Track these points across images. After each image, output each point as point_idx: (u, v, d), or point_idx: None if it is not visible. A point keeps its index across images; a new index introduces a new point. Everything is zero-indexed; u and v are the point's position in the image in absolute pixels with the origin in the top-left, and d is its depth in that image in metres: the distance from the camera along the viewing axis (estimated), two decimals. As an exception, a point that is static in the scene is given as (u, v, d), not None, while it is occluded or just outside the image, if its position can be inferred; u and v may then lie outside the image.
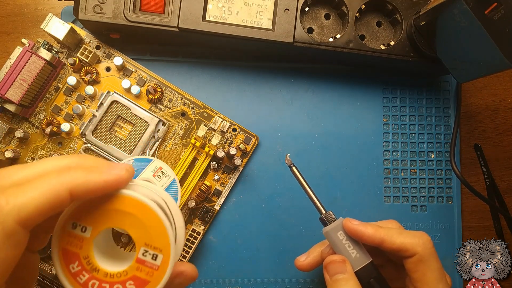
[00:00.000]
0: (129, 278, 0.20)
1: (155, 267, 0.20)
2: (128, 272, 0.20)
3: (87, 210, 0.20)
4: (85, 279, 0.20)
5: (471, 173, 0.45)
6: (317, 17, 0.39)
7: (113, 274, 0.20)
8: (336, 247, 0.31)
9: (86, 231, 0.20)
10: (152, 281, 0.20)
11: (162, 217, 0.20)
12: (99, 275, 0.20)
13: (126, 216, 0.20)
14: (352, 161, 0.42)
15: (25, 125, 0.39)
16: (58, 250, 0.20)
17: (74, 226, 0.20)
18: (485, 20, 0.31)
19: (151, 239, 0.20)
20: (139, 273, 0.20)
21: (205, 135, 0.40)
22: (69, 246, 0.20)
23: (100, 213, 0.20)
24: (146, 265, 0.20)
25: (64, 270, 0.20)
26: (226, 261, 0.40)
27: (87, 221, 0.20)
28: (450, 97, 0.44)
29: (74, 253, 0.20)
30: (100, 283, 0.20)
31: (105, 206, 0.20)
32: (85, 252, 0.20)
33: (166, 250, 0.20)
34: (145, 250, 0.20)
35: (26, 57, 0.35)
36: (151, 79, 0.40)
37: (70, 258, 0.20)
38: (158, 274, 0.20)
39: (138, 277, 0.20)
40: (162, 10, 0.36)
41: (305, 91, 0.43)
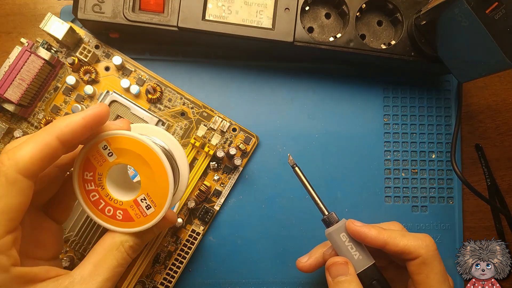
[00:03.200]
0: (121, 208, 0.24)
1: (144, 213, 0.24)
2: (123, 204, 0.24)
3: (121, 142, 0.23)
4: (91, 188, 0.24)
5: (472, 173, 0.45)
6: (318, 17, 0.39)
7: (112, 198, 0.24)
8: (338, 248, 0.31)
9: (111, 156, 0.23)
10: (136, 221, 0.24)
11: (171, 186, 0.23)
12: (102, 192, 0.24)
13: (146, 165, 0.23)
14: (352, 161, 0.42)
15: (24, 125, 0.38)
16: (83, 156, 0.23)
17: (104, 148, 0.23)
18: (486, 20, 0.31)
19: (154, 193, 0.23)
20: (130, 210, 0.24)
21: (205, 135, 0.40)
22: (92, 158, 0.23)
23: (129, 151, 0.23)
24: (138, 208, 0.24)
25: (79, 173, 0.23)
26: (226, 261, 0.40)
27: (116, 150, 0.23)
28: (451, 97, 0.44)
29: (93, 166, 0.23)
30: (99, 198, 0.24)
31: (136, 150, 0.23)
32: (101, 170, 0.23)
33: (159, 207, 0.23)
34: (144, 198, 0.24)
35: (25, 57, 0.35)
36: (150, 79, 0.40)
37: (89, 167, 0.23)
38: (143, 220, 0.24)
39: (128, 213, 0.24)
40: (161, 10, 0.36)
41: (306, 91, 0.42)
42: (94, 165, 0.23)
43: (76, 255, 0.38)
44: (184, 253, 0.39)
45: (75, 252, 0.38)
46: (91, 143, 0.23)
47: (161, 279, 0.39)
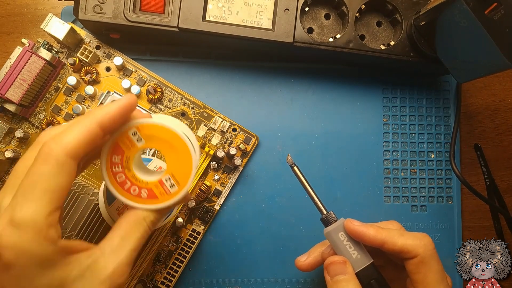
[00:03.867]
0: (147, 187, 0.26)
1: (168, 192, 0.26)
2: (149, 184, 0.26)
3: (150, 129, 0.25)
4: (117, 170, 0.25)
5: (471, 173, 0.45)
6: (317, 17, 0.39)
7: (137, 178, 0.26)
8: (337, 247, 0.31)
9: (140, 142, 0.25)
10: (160, 199, 0.26)
11: (194, 166, 0.26)
12: (128, 174, 0.26)
13: (172, 149, 0.26)
14: (352, 161, 0.42)
15: (25, 125, 0.39)
16: (113, 141, 0.25)
17: (134, 134, 0.25)
18: (485, 20, 0.31)
19: (178, 174, 0.26)
20: (155, 188, 0.26)
21: (205, 135, 0.40)
22: (121, 143, 0.25)
23: (157, 137, 0.25)
24: (163, 187, 0.26)
25: (107, 157, 0.25)
26: (226, 261, 0.40)
27: (145, 136, 0.25)
28: (450, 97, 0.44)
29: (122, 150, 0.25)
30: (126, 179, 0.26)
31: (163, 135, 0.25)
32: (130, 154, 0.25)
33: (182, 186, 0.26)
34: (169, 178, 0.26)
35: (26, 57, 0.35)
36: (151, 79, 0.40)
37: (117, 150, 0.25)
38: (167, 197, 0.26)
39: (152, 191, 0.26)
40: (162, 10, 0.36)
41: (305, 91, 0.43)
42: (123, 149, 0.25)
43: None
44: (184, 252, 0.39)
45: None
46: (122, 130, 0.25)
47: (161, 278, 0.39)
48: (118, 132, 0.25)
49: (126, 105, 0.24)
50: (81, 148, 0.22)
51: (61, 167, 0.21)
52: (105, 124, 0.23)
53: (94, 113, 0.23)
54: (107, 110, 0.23)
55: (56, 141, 0.22)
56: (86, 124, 0.22)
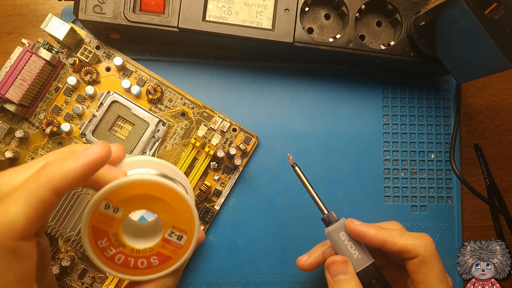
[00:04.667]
0: (153, 254, 0.22)
1: (179, 246, 0.22)
2: (153, 249, 0.22)
3: (121, 193, 0.21)
4: (112, 253, 0.22)
5: (471, 173, 0.45)
6: (317, 17, 0.39)
7: (138, 250, 0.22)
8: (338, 247, 0.31)
9: (118, 212, 0.21)
10: (174, 257, 0.22)
11: (191, 204, 0.22)
12: (126, 250, 0.22)
13: (158, 201, 0.21)
14: (352, 161, 0.42)
15: (25, 125, 0.39)
16: (88, 227, 0.21)
17: (107, 207, 0.21)
18: (485, 20, 0.31)
19: (179, 223, 0.22)
20: (163, 250, 0.22)
21: (205, 135, 0.40)
22: (99, 224, 0.21)
23: (134, 197, 0.21)
24: (171, 244, 0.22)
25: (92, 245, 0.21)
26: (226, 261, 0.40)
27: (120, 203, 0.21)
28: (450, 97, 0.44)
29: (104, 231, 0.21)
30: (126, 257, 0.22)
31: (139, 190, 0.21)
32: (114, 230, 0.21)
33: (190, 232, 0.22)
34: (172, 232, 0.22)
35: (26, 57, 0.35)
36: (151, 79, 0.40)
37: (99, 234, 0.21)
38: (181, 251, 0.22)
39: (162, 254, 0.22)
40: (162, 10, 0.36)
41: (305, 91, 0.43)
42: (104, 229, 0.21)
43: (77, 254, 0.38)
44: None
45: (76, 251, 0.38)
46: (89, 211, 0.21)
47: (161, 278, 0.39)
48: (88, 215, 0.21)
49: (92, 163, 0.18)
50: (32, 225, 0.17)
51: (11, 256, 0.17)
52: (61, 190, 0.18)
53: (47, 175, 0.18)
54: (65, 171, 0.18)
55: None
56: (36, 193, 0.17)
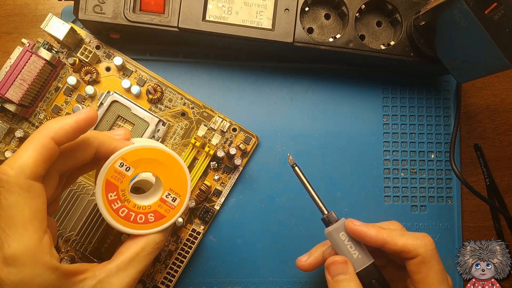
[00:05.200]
0: (151, 211, 0.26)
1: (172, 206, 0.27)
2: (151, 206, 0.26)
3: (134, 155, 0.25)
4: (118, 206, 0.26)
5: (471, 173, 0.45)
6: (317, 17, 0.39)
7: (139, 206, 0.26)
8: (338, 247, 0.31)
9: (129, 171, 0.25)
10: (167, 216, 0.26)
11: (187, 171, 0.27)
12: (129, 205, 0.26)
13: (161, 165, 0.26)
14: (352, 161, 0.42)
15: (25, 125, 0.39)
16: (104, 179, 0.25)
17: (121, 165, 0.25)
18: (485, 20, 0.31)
19: (175, 186, 0.27)
20: (159, 209, 0.26)
21: (205, 135, 0.40)
22: (112, 179, 0.25)
23: (143, 160, 0.26)
24: (166, 204, 0.26)
25: (103, 196, 0.25)
26: (226, 261, 0.40)
27: (132, 163, 0.25)
28: (450, 97, 0.44)
29: (115, 185, 0.25)
30: (128, 211, 0.26)
31: (148, 155, 0.26)
32: (123, 186, 0.25)
33: (183, 196, 0.27)
34: (168, 193, 0.26)
35: (26, 57, 0.35)
36: (151, 79, 0.40)
37: (111, 188, 0.25)
38: (173, 212, 0.27)
39: (158, 212, 0.26)
40: (162, 10, 0.36)
41: (305, 91, 0.43)
42: (116, 184, 0.25)
43: (77, 254, 0.38)
44: (184, 252, 0.39)
45: (76, 251, 0.38)
46: (107, 165, 0.25)
47: (161, 278, 0.39)
48: (105, 169, 0.25)
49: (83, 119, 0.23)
50: (39, 167, 0.21)
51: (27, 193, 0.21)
52: (59, 138, 0.22)
53: (47, 127, 0.22)
54: (61, 123, 0.22)
55: (11, 166, 0.21)
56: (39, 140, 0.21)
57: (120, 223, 0.26)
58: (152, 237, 0.26)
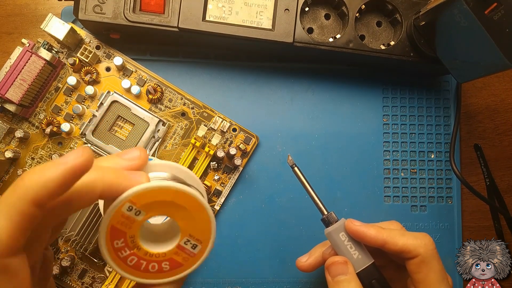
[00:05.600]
0: (166, 259, 0.22)
1: (192, 254, 0.23)
2: (166, 254, 0.22)
3: (146, 197, 0.21)
4: (126, 254, 0.22)
5: (471, 173, 0.45)
6: (317, 17, 0.39)
7: (152, 254, 0.22)
8: (338, 248, 0.31)
9: (139, 215, 0.21)
10: (185, 265, 0.23)
11: (211, 216, 0.22)
12: (140, 253, 0.22)
13: (180, 208, 0.22)
14: (352, 161, 0.42)
15: (25, 125, 0.39)
16: (108, 226, 0.21)
17: (129, 209, 0.21)
18: (485, 20, 0.31)
19: (196, 232, 0.22)
20: (176, 256, 0.22)
21: (205, 135, 0.40)
22: (119, 225, 0.21)
23: (158, 202, 0.21)
24: (185, 252, 0.22)
25: (107, 245, 0.21)
26: (226, 261, 0.40)
27: (143, 206, 0.21)
28: (450, 97, 0.44)
29: (122, 232, 0.21)
30: (139, 260, 0.22)
31: (164, 197, 0.21)
32: (132, 232, 0.21)
33: (206, 242, 0.23)
34: (188, 240, 0.22)
35: (26, 57, 0.35)
36: (151, 79, 0.40)
37: (117, 235, 0.21)
38: (193, 260, 0.23)
39: (174, 260, 0.22)
40: (162, 10, 0.36)
41: (305, 91, 0.43)
42: (123, 230, 0.21)
43: (77, 254, 0.38)
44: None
45: (76, 251, 0.38)
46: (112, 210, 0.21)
47: (161, 278, 0.39)
48: (110, 215, 0.21)
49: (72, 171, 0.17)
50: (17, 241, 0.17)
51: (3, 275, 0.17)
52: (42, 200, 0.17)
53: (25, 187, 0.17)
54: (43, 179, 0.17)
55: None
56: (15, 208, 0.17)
57: (128, 272, 0.22)
58: None
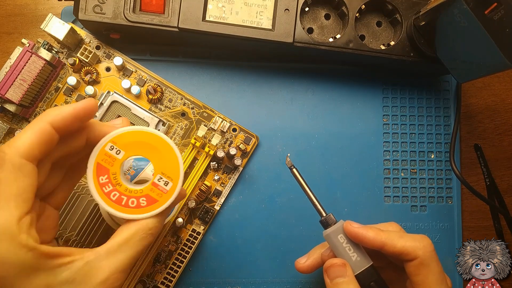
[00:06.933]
0: (143, 195, 0.26)
1: (164, 190, 0.26)
2: (143, 190, 0.26)
3: (124, 138, 0.25)
4: (109, 190, 0.25)
5: (471, 173, 0.45)
6: (317, 17, 0.39)
7: (131, 190, 0.26)
8: (336, 250, 0.31)
9: (119, 154, 0.25)
10: (160, 201, 0.26)
11: (178, 155, 0.26)
12: (121, 189, 0.25)
13: (152, 149, 0.26)
14: (352, 161, 0.42)
15: (25, 125, 0.39)
16: (94, 163, 0.25)
17: (111, 148, 0.25)
18: (485, 20, 0.31)
19: (167, 170, 0.26)
20: (151, 193, 0.26)
21: (205, 135, 0.40)
22: (103, 162, 0.25)
23: (134, 143, 0.25)
24: (158, 188, 0.26)
25: (94, 180, 0.25)
26: (226, 261, 0.40)
27: (122, 146, 0.25)
28: (450, 97, 0.44)
29: (106, 168, 0.25)
30: (120, 195, 0.25)
31: (138, 138, 0.26)
32: (114, 169, 0.25)
33: (175, 180, 0.26)
34: (160, 177, 0.26)
35: (26, 57, 0.35)
36: (151, 79, 0.40)
37: (102, 171, 0.25)
38: (166, 196, 0.26)
39: (150, 196, 0.26)
40: (162, 10, 0.36)
41: (305, 91, 0.43)
42: (106, 167, 0.25)
43: (77, 254, 0.38)
44: (184, 252, 0.39)
45: (76, 251, 0.38)
46: (97, 149, 0.25)
47: (161, 278, 0.39)
48: (95, 152, 0.25)
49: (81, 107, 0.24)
50: (35, 149, 0.22)
51: (18, 170, 0.21)
52: (58, 123, 0.23)
53: (46, 113, 0.23)
54: (59, 110, 0.23)
55: (9, 145, 0.22)
56: (37, 125, 0.22)
57: (112, 206, 0.25)
58: (144, 222, 0.25)
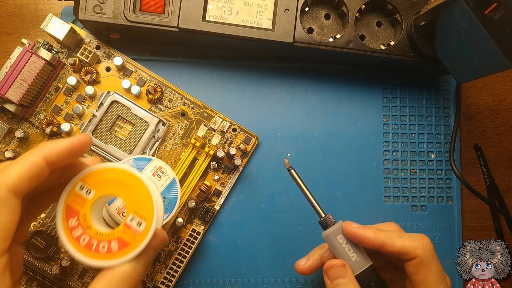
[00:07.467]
0: (115, 238, 0.23)
1: (137, 232, 0.23)
2: (115, 233, 0.24)
3: (95, 176, 0.24)
4: (79, 234, 0.23)
5: (471, 173, 0.45)
6: (317, 17, 0.39)
7: (102, 233, 0.24)
8: (336, 250, 0.31)
9: (89, 194, 0.24)
10: (132, 243, 0.23)
11: (153, 192, 0.24)
12: (91, 232, 0.23)
13: (124, 186, 0.24)
14: (352, 161, 0.42)
15: (25, 125, 0.39)
16: (64, 204, 0.24)
17: (81, 188, 0.24)
18: (485, 20, 0.31)
19: (140, 208, 0.24)
20: (124, 235, 0.23)
21: (205, 135, 0.40)
22: (72, 203, 0.24)
23: (104, 181, 0.24)
24: (131, 230, 0.24)
25: (63, 223, 0.24)
26: (226, 261, 0.40)
27: (92, 185, 0.24)
28: (450, 97, 0.44)
29: (75, 210, 0.24)
30: (90, 239, 0.23)
31: (109, 176, 0.24)
32: (84, 211, 0.24)
33: (149, 219, 0.24)
34: (133, 217, 0.24)
35: (26, 57, 0.36)
36: (151, 79, 0.40)
37: (71, 213, 0.24)
38: (139, 238, 0.23)
39: (122, 239, 0.23)
40: (162, 10, 0.36)
41: (305, 91, 0.43)
42: (76, 209, 0.24)
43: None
44: (184, 252, 0.39)
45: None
46: (67, 189, 0.24)
47: (161, 278, 0.39)
48: (65, 194, 0.24)
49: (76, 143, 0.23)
50: (24, 183, 0.21)
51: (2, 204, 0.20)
52: (52, 158, 0.22)
53: (42, 147, 0.22)
54: (54, 145, 0.22)
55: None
56: (31, 158, 0.21)
57: (82, 252, 0.23)
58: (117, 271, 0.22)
